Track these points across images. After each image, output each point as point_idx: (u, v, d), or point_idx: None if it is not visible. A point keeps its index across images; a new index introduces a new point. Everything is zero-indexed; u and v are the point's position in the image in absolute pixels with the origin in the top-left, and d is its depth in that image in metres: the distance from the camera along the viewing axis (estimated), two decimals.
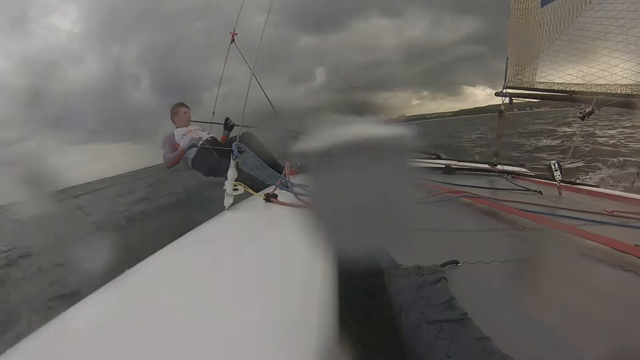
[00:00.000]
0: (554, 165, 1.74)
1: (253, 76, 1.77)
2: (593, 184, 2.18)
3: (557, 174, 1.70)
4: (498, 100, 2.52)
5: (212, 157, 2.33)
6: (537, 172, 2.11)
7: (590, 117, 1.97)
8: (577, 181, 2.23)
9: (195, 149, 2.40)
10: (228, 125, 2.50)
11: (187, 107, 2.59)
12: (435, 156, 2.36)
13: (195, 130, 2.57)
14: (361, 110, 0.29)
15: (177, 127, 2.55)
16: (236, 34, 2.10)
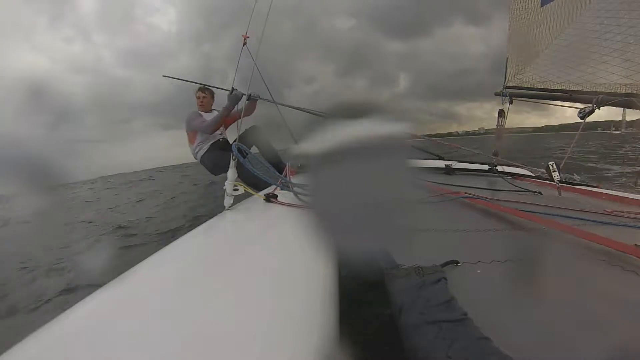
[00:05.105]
0: (552, 166, 1.73)
1: (262, 78, 1.77)
2: (593, 185, 2.17)
3: (556, 175, 1.69)
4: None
5: (219, 155, 2.36)
6: (537, 172, 2.10)
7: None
8: (577, 182, 2.22)
9: (207, 146, 2.40)
10: (234, 96, 2.23)
11: (204, 92, 2.39)
12: (436, 157, 2.36)
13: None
14: (364, 110, 0.29)
15: (200, 111, 2.42)
16: (248, 37, 2.09)
